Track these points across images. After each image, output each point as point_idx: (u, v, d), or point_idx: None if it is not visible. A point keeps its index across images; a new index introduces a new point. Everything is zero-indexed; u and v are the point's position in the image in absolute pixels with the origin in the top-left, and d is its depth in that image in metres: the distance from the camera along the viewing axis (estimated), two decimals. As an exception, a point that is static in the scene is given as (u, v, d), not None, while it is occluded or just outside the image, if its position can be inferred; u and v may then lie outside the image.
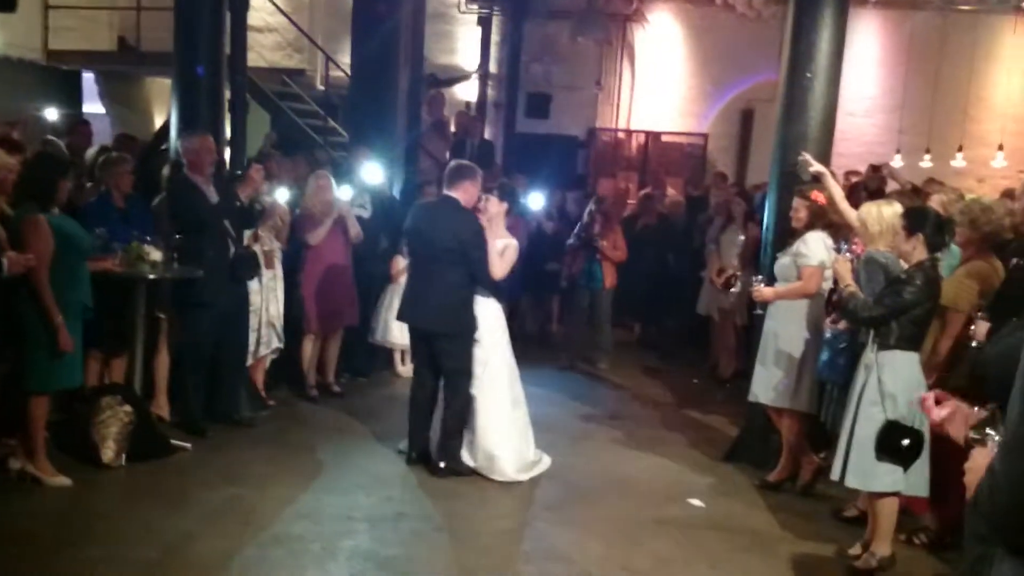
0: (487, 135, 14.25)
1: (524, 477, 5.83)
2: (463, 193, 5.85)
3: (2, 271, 4.61)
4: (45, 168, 5.17)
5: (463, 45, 14.73)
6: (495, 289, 5.93)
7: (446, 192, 5.92)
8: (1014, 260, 4.82)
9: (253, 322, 6.84)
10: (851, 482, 4.79)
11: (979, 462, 2.12)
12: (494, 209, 5.92)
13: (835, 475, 4.86)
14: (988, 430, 2.57)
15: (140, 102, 14.77)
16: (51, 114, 11.64)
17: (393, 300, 8.22)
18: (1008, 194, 7.74)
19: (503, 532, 5.12)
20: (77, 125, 9.77)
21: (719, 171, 13.40)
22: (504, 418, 5.86)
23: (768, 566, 4.91)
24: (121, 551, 4.54)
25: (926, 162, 12.24)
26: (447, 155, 12.53)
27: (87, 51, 13.26)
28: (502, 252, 5.84)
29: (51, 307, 4.89)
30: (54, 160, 5.48)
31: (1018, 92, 13.30)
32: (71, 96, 13.27)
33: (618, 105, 14.49)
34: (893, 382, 4.67)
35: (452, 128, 13.12)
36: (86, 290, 5.19)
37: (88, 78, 14.01)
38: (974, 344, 4.56)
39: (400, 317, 6.22)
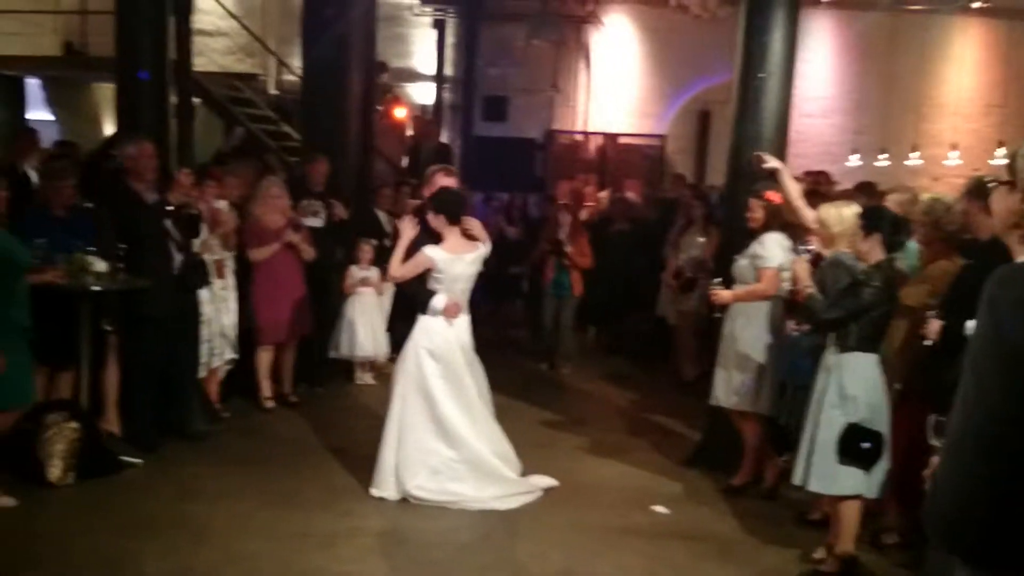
0: (445, 138, 14.18)
1: (376, 492, 5.49)
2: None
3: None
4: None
5: (418, 48, 14.63)
6: (414, 296, 5.62)
7: None
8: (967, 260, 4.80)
9: (205, 333, 6.66)
10: (813, 486, 4.74)
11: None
12: (432, 223, 5.58)
13: (797, 479, 4.81)
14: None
15: (88, 108, 14.48)
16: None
17: (355, 313, 8.12)
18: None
19: (462, 545, 5.00)
20: (22, 132, 9.50)
21: (677, 173, 13.42)
22: (388, 431, 5.54)
23: (732, 574, 4.85)
24: (66, 573, 4.38)
25: (882, 162, 12.33)
26: (403, 159, 12.44)
27: (32, 56, 12.97)
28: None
29: (-19, 326, 4.70)
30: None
31: (969, 91, 13.46)
32: (14, 102, 12.96)
33: (575, 107, 14.48)
34: (853, 384, 4.63)
35: (409, 132, 13.01)
36: (23, 308, 5.00)
37: (33, 84, 13.71)
38: (926, 343, 4.56)
39: None
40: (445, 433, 5.49)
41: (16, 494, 5.11)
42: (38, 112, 13.79)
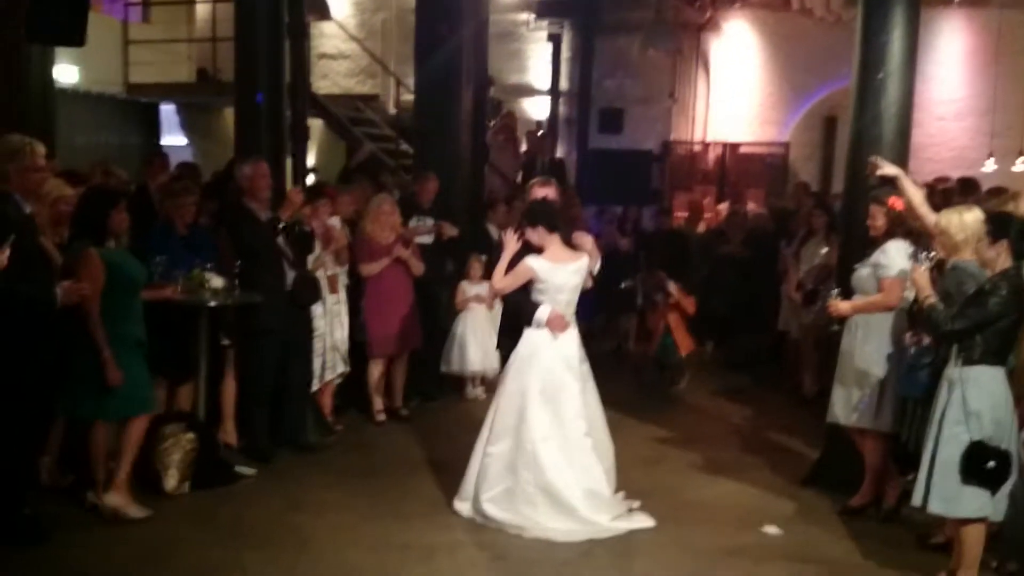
0: (560, 152, 14.15)
1: (456, 505, 5.50)
2: None
3: (56, 300, 4.63)
4: (94, 202, 5.16)
5: (534, 63, 14.68)
6: (518, 309, 5.55)
7: None
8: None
9: (318, 347, 6.80)
10: (934, 508, 4.47)
11: None
12: (535, 239, 5.47)
13: (917, 500, 4.54)
14: None
15: (220, 132, 15.12)
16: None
17: (466, 329, 8.17)
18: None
19: (563, 562, 4.91)
20: (152, 156, 9.95)
21: (801, 181, 12.97)
22: (479, 442, 5.52)
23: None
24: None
25: (1019, 166, 11.64)
26: (518, 174, 12.48)
27: (167, 83, 13.63)
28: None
29: (100, 341, 4.90)
30: (104, 193, 5.49)
31: (1113, 89, 12.57)
32: (150, 128, 13.64)
33: (693, 117, 14.23)
34: (978, 399, 4.36)
35: (523, 147, 13.05)
36: (139, 324, 5.20)
37: (167, 110, 14.40)
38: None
39: None
40: (527, 455, 5.30)
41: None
42: (173, 137, 14.47)
